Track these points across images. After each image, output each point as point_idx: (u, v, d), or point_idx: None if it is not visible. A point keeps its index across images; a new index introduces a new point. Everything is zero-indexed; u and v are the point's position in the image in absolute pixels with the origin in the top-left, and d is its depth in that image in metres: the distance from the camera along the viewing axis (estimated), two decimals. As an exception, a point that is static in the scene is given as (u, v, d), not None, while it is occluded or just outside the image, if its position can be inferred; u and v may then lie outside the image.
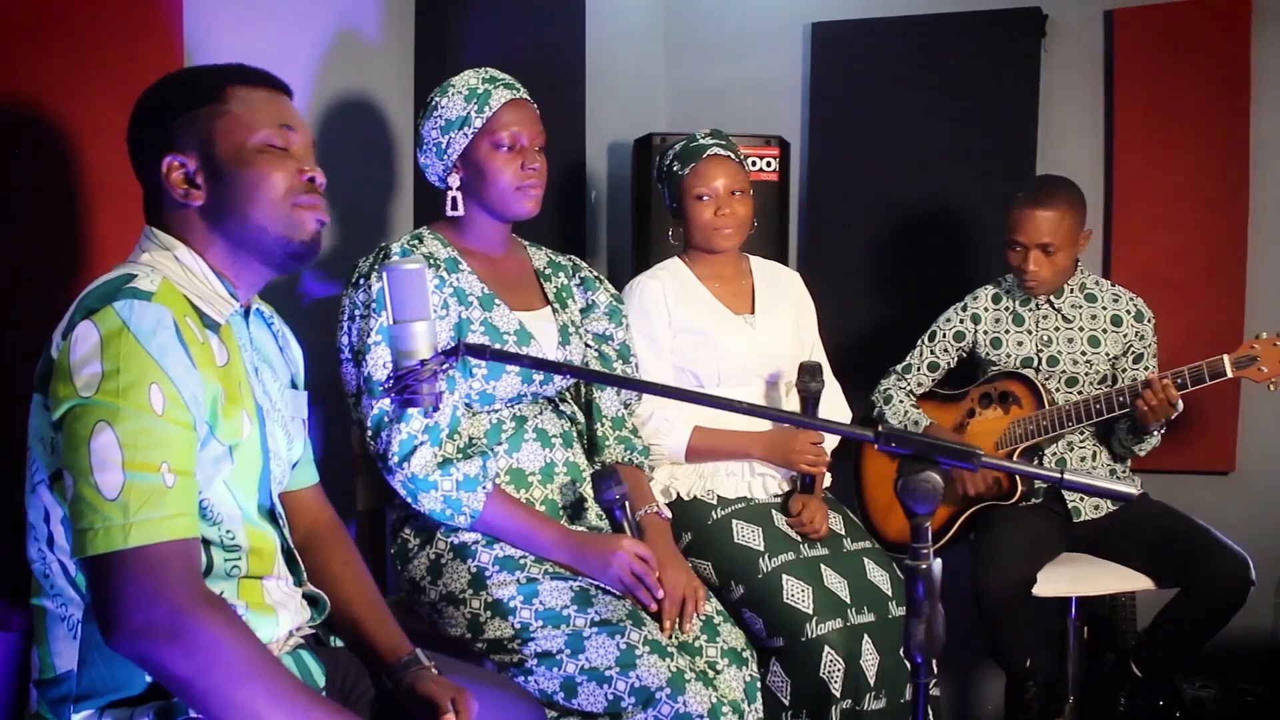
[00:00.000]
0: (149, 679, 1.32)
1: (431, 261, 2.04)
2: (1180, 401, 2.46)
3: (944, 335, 2.85)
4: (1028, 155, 3.20)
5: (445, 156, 2.07)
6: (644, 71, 3.68)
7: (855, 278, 3.38)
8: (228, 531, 1.39)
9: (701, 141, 2.45)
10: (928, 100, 3.28)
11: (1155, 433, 2.59)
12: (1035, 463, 2.68)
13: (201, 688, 1.22)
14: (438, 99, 2.08)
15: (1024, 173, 3.19)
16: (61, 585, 1.33)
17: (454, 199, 2.09)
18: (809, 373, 2.38)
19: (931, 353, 2.86)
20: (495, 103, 2.04)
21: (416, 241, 2.08)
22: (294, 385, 1.61)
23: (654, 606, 1.97)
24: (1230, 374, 2.42)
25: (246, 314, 1.49)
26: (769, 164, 3.04)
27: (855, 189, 3.39)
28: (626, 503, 2.05)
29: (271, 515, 1.50)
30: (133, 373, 1.24)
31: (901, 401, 2.84)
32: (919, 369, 2.87)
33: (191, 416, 1.29)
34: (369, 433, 1.95)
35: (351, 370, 2.00)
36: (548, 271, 2.24)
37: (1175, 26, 3.07)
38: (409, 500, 1.96)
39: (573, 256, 2.33)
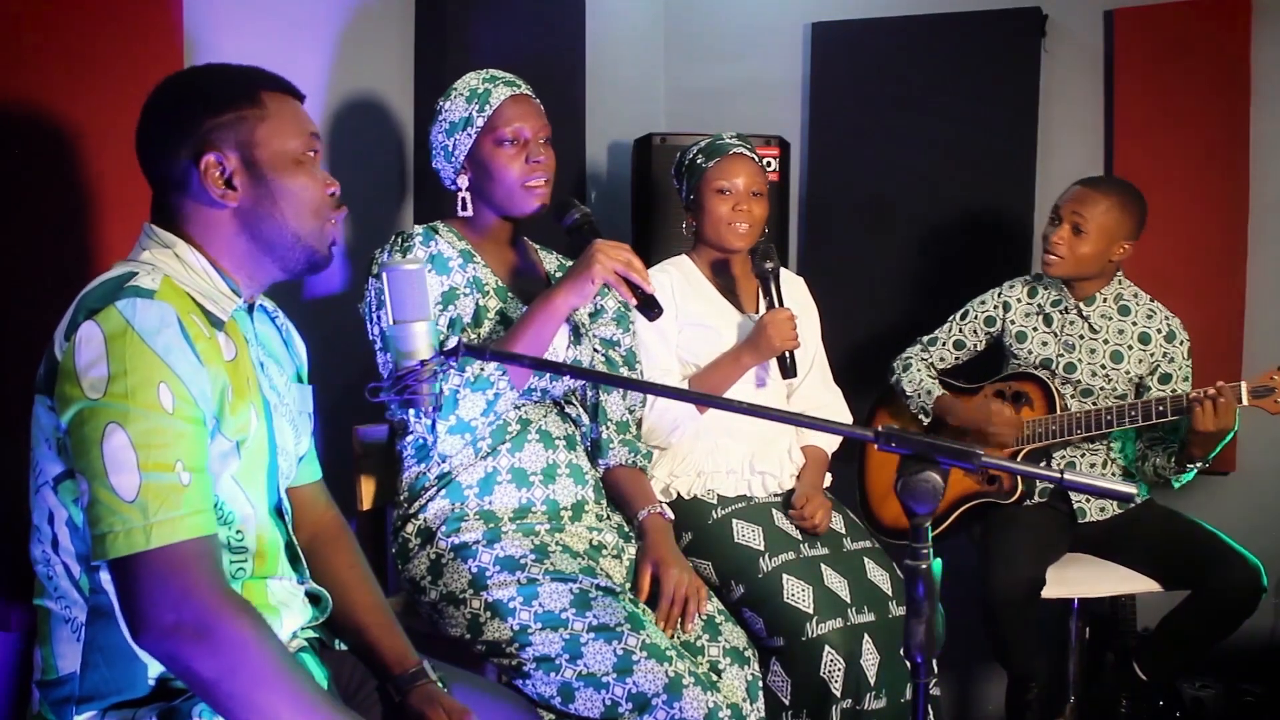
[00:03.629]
0: (152, 681, 1.32)
1: (450, 248, 2.06)
2: (1235, 419, 2.40)
3: (975, 316, 2.83)
4: (1028, 155, 3.20)
5: (452, 159, 2.08)
6: (644, 71, 3.68)
7: (855, 278, 3.38)
8: (237, 532, 1.39)
9: (727, 140, 2.49)
10: (928, 100, 3.28)
11: (1202, 463, 2.52)
12: (1041, 464, 2.68)
13: (226, 689, 1.22)
14: (442, 103, 2.09)
15: (1024, 173, 3.19)
16: (65, 587, 1.33)
17: (464, 199, 2.10)
18: (763, 254, 2.41)
19: (960, 330, 2.84)
20: (496, 100, 2.05)
21: (433, 232, 2.09)
22: (299, 379, 1.61)
23: (649, 288, 1.95)
24: (1246, 402, 2.39)
25: (250, 310, 1.49)
26: (769, 164, 3.04)
27: (855, 189, 3.39)
28: (589, 220, 2.07)
29: (278, 512, 1.50)
30: (140, 373, 1.23)
31: (919, 371, 2.83)
32: (944, 344, 2.86)
33: (201, 413, 1.28)
34: (410, 411, 1.96)
35: (384, 359, 2.01)
36: (558, 275, 2.24)
37: (1175, 26, 3.06)
38: (460, 438, 1.98)
39: None
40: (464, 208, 2.10)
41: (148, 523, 1.21)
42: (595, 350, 2.22)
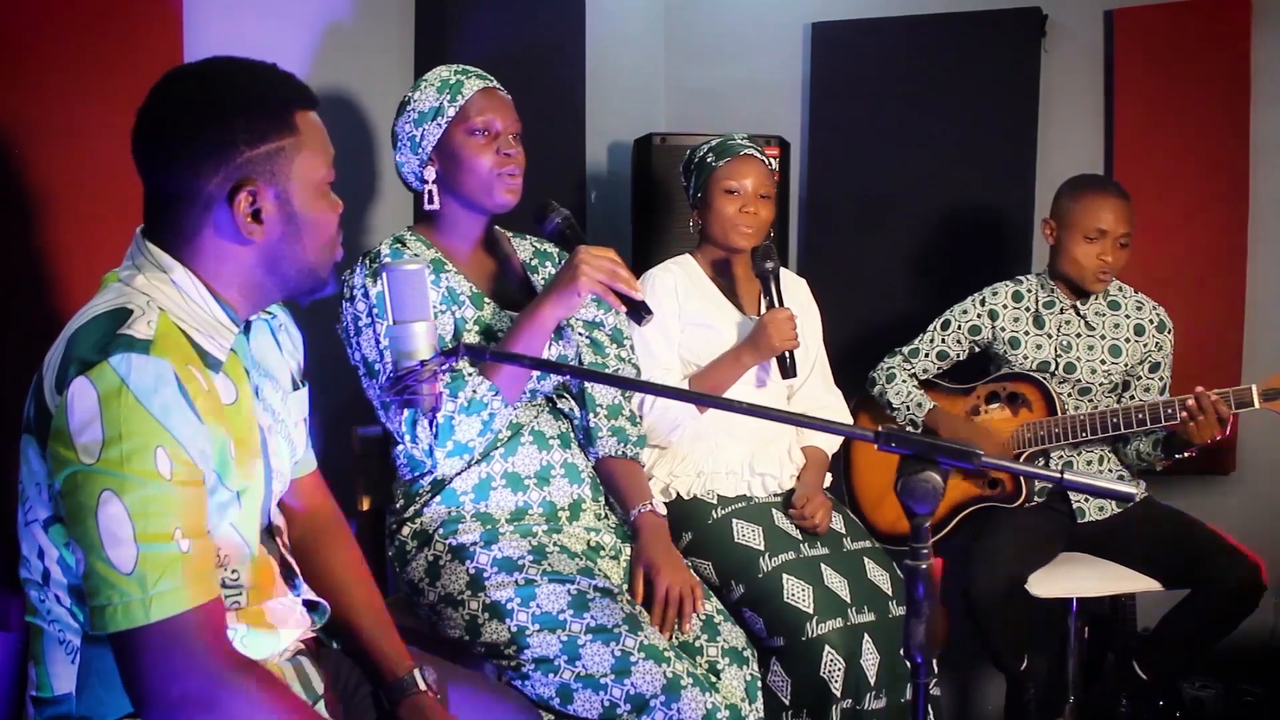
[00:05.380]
0: None
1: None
2: (1229, 420, 2.41)
3: (959, 327, 2.79)
4: (1028, 155, 3.20)
5: (420, 149, 2.05)
6: (644, 71, 3.68)
7: (855, 278, 3.37)
8: (233, 572, 1.35)
9: (738, 141, 2.50)
10: (928, 100, 3.28)
11: (1187, 454, 2.53)
12: (1039, 463, 2.67)
13: None
14: (410, 94, 2.08)
15: (1024, 173, 3.19)
16: (58, 613, 1.29)
17: (430, 192, 2.07)
18: (764, 254, 2.41)
19: (943, 341, 2.81)
20: (468, 91, 2.04)
21: (399, 244, 2.07)
22: (295, 384, 1.54)
23: (637, 295, 1.92)
24: (1258, 405, 2.39)
25: (247, 328, 1.42)
26: (769, 164, 3.04)
27: (855, 189, 3.39)
28: (571, 223, 2.06)
29: (269, 530, 1.47)
30: (136, 437, 1.16)
31: (905, 382, 2.79)
32: (927, 355, 2.82)
33: (200, 473, 1.23)
34: (405, 437, 1.94)
35: (370, 384, 1.99)
36: (534, 263, 2.23)
37: (1175, 26, 3.06)
38: (460, 458, 1.95)
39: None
40: (430, 200, 2.07)
41: (146, 596, 1.16)
42: (580, 334, 2.19)
